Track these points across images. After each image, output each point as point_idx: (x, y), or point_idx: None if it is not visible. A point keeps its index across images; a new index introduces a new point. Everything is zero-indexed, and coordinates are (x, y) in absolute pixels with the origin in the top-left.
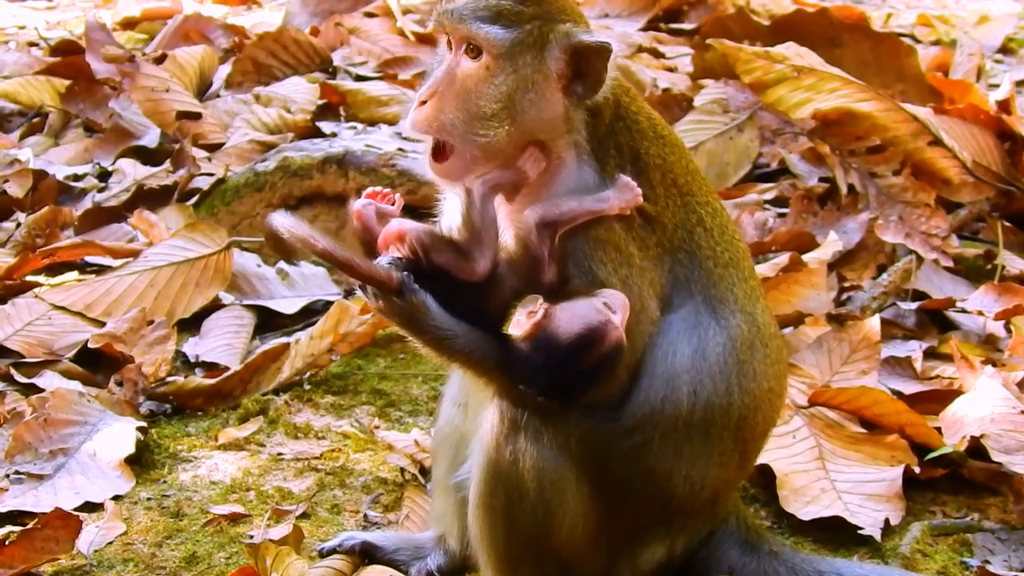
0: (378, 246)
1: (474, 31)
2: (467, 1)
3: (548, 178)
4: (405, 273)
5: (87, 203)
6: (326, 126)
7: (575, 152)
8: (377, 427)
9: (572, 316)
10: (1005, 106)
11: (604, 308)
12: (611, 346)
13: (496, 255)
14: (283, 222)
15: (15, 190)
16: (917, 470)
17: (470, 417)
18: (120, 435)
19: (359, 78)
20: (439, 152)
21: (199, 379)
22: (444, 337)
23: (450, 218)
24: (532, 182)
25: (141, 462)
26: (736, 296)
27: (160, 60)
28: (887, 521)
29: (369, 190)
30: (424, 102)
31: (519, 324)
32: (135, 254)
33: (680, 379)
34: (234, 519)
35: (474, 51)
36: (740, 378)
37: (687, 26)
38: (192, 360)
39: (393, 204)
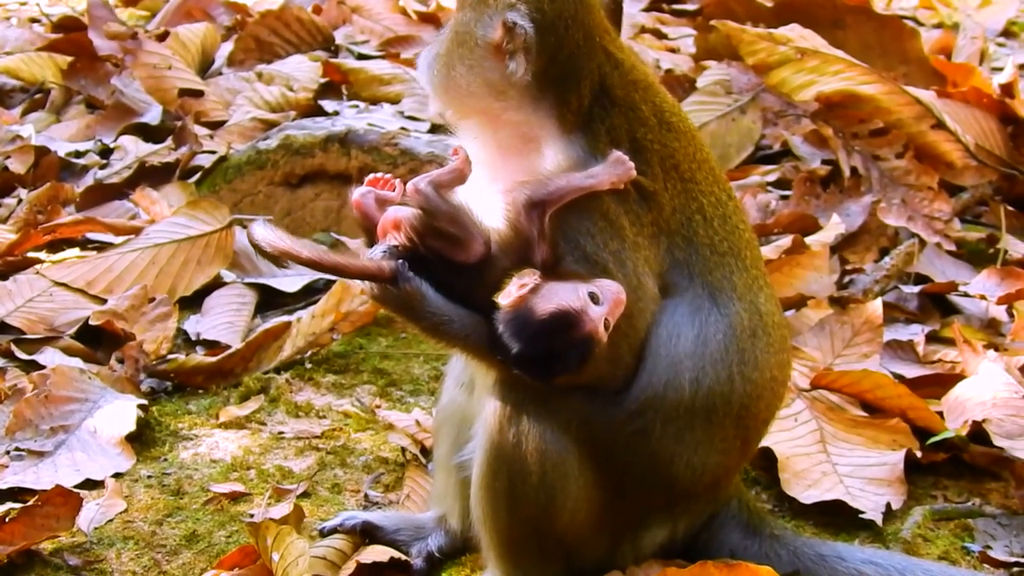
0: (377, 234)
1: None
2: None
3: (531, 157)
4: (400, 261)
5: (89, 180)
6: (328, 104)
7: (552, 131)
8: (378, 406)
9: (552, 296)
10: (1008, 90)
11: (586, 297)
12: (582, 335)
13: (493, 240)
14: (264, 236)
15: (17, 166)
16: (919, 454)
17: (475, 397)
18: (121, 412)
19: (361, 57)
20: None
21: (200, 357)
22: (440, 323)
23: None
24: (513, 161)
25: (142, 440)
26: (735, 284)
27: (162, 37)
28: (888, 505)
29: (369, 177)
30: None
31: (509, 294)
32: (137, 231)
33: (682, 365)
34: (234, 498)
35: None
36: (741, 366)
37: (690, 7)
38: (193, 338)
39: (393, 190)
